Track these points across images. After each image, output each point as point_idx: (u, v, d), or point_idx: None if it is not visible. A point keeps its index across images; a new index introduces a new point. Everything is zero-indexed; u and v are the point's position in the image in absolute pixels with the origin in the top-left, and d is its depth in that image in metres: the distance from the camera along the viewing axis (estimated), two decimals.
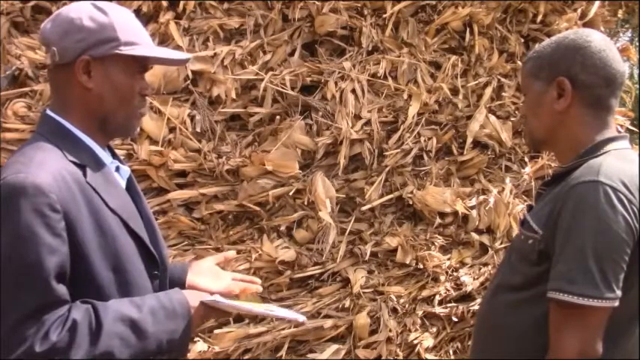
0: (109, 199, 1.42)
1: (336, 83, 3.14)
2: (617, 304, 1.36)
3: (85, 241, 1.34)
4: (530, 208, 1.67)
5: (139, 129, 1.57)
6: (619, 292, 1.37)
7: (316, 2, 3.13)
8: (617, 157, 1.48)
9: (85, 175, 1.40)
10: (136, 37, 1.49)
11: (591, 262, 1.35)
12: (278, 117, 3.09)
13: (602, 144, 1.53)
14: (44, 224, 1.28)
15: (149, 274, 1.49)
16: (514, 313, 1.54)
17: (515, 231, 3.29)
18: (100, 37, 1.44)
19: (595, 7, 3.79)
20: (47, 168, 1.33)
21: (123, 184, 1.53)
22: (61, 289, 1.30)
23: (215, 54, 3.02)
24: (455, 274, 3.28)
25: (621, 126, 4.03)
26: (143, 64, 1.52)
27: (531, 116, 1.65)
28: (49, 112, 1.49)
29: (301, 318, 1.59)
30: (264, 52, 3.12)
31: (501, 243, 3.39)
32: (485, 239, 3.36)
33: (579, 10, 3.73)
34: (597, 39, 1.55)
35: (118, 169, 1.54)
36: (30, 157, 1.35)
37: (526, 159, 3.58)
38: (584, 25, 3.74)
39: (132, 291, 1.42)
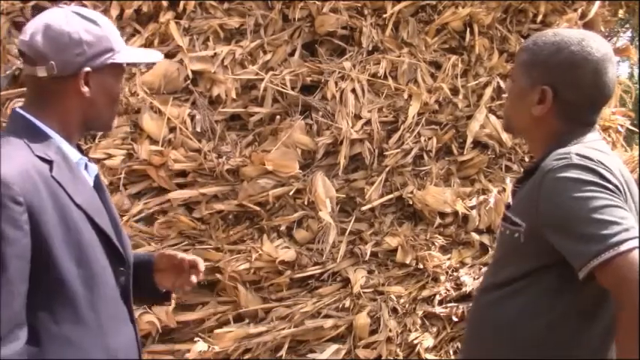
0: (75, 194, 1.44)
1: (336, 83, 3.14)
2: None
3: (49, 233, 1.36)
4: (508, 206, 1.66)
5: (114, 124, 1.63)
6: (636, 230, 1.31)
7: (316, 2, 3.14)
8: (586, 146, 1.49)
9: (51, 169, 1.42)
10: (120, 44, 1.54)
11: (595, 215, 1.32)
12: (278, 117, 3.09)
13: (571, 137, 1.53)
14: (6, 216, 1.29)
15: (115, 271, 1.51)
16: (496, 310, 1.54)
17: None
18: (99, 49, 1.48)
19: (595, 7, 3.79)
20: (11, 161, 1.35)
21: (90, 181, 1.55)
22: (21, 282, 1.31)
23: (215, 54, 3.02)
24: (455, 274, 3.28)
25: (621, 126, 4.03)
26: (125, 67, 1.59)
27: (511, 105, 1.66)
28: (18, 109, 1.51)
29: None
30: (265, 52, 3.12)
31: None
32: (485, 239, 3.36)
33: (579, 10, 3.73)
34: (597, 57, 1.50)
35: (86, 166, 1.56)
36: None
37: (526, 159, 3.58)
38: (585, 25, 3.74)
39: (95, 285, 1.43)
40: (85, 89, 1.47)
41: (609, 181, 1.38)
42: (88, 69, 1.46)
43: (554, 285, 1.45)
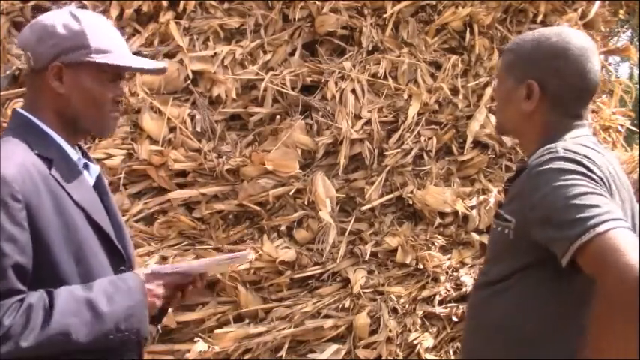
0: (74, 192, 1.44)
1: (336, 83, 3.14)
2: (625, 224, 1.30)
3: (47, 231, 1.36)
4: (501, 204, 1.67)
5: (114, 130, 1.59)
6: (618, 213, 1.31)
7: (316, 2, 3.14)
8: (574, 142, 1.50)
9: (50, 168, 1.42)
10: (109, 46, 1.50)
11: (575, 201, 1.32)
12: (278, 117, 3.09)
13: (560, 132, 1.54)
14: (5, 213, 1.30)
15: (115, 269, 1.50)
16: (489, 307, 1.55)
17: None
18: (71, 44, 1.46)
19: (595, 7, 3.80)
20: (11, 159, 1.36)
21: (91, 181, 1.55)
22: (19, 278, 1.31)
23: (215, 54, 3.02)
24: (455, 274, 3.28)
25: (621, 126, 4.03)
26: (117, 71, 1.53)
27: (500, 107, 1.69)
28: (19, 109, 1.52)
29: (250, 255, 1.60)
30: (265, 52, 3.12)
31: None
32: (485, 239, 3.36)
33: (579, 10, 3.73)
34: (577, 46, 1.53)
35: (87, 167, 1.56)
36: None
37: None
38: (585, 25, 3.74)
39: None
40: (55, 84, 1.46)
41: (593, 172, 1.39)
42: (58, 63, 1.45)
43: (543, 281, 1.46)
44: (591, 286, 1.34)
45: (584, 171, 1.38)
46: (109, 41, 1.50)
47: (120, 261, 1.53)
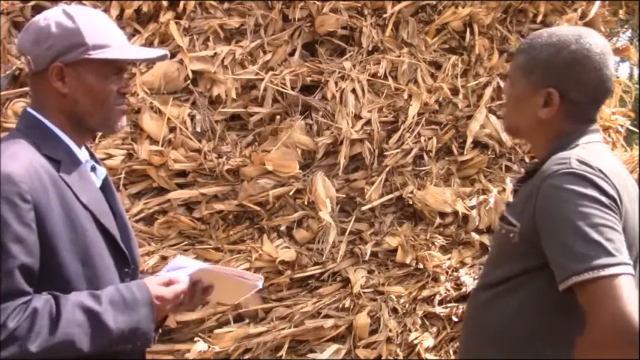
0: (82, 194, 1.44)
1: (336, 83, 3.14)
2: (630, 269, 1.31)
3: (54, 232, 1.36)
4: (508, 204, 1.66)
5: (123, 124, 1.57)
6: (625, 257, 1.32)
7: (316, 2, 3.14)
8: (586, 150, 1.49)
9: (58, 169, 1.42)
10: (106, 40, 1.48)
11: (584, 233, 1.32)
12: (278, 117, 3.09)
13: (573, 139, 1.53)
14: (13, 213, 1.30)
15: (120, 272, 1.50)
16: (490, 309, 1.55)
17: None
18: (67, 43, 1.45)
19: (595, 7, 3.79)
20: (19, 159, 1.36)
21: (98, 183, 1.55)
22: (24, 279, 1.31)
23: (215, 54, 3.02)
24: (455, 274, 3.28)
25: (621, 126, 4.03)
26: (118, 64, 1.52)
27: (512, 110, 1.64)
28: (28, 109, 1.52)
29: (259, 283, 1.62)
30: (265, 52, 3.12)
31: None
32: (485, 239, 3.36)
33: (579, 10, 3.73)
34: (597, 53, 1.51)
35: (94, 169, 1.56)
36: (3, 149, 1.38)
37: (526, 159, 3.58)
38: (585, 25, 3.74)
39: (100, 286, 1.43)
40: (58, 84, 1.45)
41: (606, 194, 1.38)
42: (58, 64, 1.44)
43: (546, 285, 1.45)
44: None
45: (597, 195, 1.36)
46: (105, 35, 1.49)
47: (125, 263, 1.53)
